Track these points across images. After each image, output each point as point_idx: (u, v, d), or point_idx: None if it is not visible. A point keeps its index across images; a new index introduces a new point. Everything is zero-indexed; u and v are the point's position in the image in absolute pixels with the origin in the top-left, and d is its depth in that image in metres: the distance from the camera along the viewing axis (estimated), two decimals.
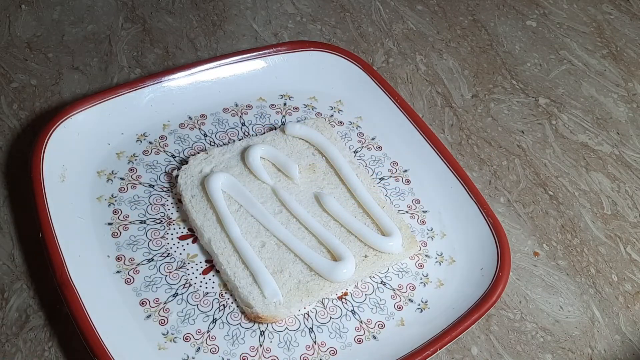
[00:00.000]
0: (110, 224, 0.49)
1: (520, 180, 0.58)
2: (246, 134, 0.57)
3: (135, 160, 0.54)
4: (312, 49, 0.62)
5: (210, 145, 0.56)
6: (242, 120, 0.58)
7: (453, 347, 0.47)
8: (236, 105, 0.59)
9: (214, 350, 0.44)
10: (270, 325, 0.45)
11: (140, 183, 0.52)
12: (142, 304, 0.45)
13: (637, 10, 0.76)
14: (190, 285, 0.47)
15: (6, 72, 0.61)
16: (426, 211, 0.53)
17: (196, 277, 0.47)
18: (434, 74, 0.66)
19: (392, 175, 0.55)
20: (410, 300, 0.48)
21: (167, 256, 0.48)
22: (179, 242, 0.49)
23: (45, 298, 0.46)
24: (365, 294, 0.48)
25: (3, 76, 0.60)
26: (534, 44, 0.71)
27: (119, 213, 0.50)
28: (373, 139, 0.58)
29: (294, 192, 0.52)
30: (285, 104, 0.60)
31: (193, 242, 0.49)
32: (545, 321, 0.49)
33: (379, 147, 0.57)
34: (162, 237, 0.49)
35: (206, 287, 0.47)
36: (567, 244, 0.54)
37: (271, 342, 0.45)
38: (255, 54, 0.60)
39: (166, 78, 0.57)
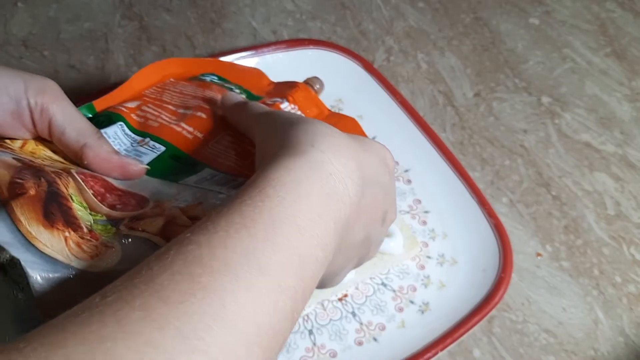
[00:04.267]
0: None
1: (523, 180, 0.57)
2: None
3: None
4: (311, 47, 0.61)
5: None
6: None
7: (455, 349, 0.46)
8: None
9: None
10: None
11: None
12: None
13: None
14: None
15: None
16: (427, 211, 0.53)
17: None
18: (435, 72, 0.65)
19: None
20: (411, 302, 0.47)
21: None
22: None
23: None
24: (366, 296, 0.47)
25: None
26: (536, 42, 0.70)
27: None
28: (374, 138, 0.57)
29: None
30: None
31: None
32: (548, 323, 0.48)
33: None
34: None
35: None
36: (570, 245, 0.53)
37: None
38: (254, 51, 0.60)
39: None
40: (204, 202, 0.31)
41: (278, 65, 0.60)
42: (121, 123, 0.36)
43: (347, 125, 0.40)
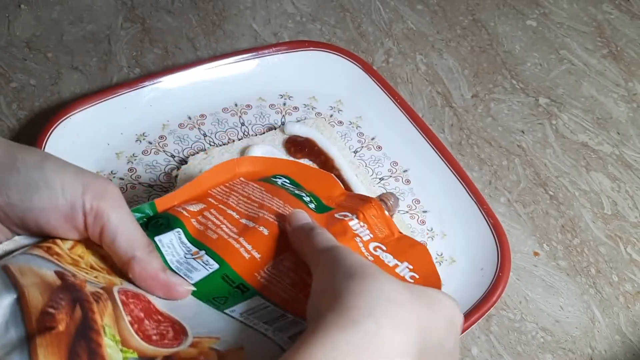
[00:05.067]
0: None
1: (521, 180, 0.58)
2: (246, 133, 0.57)
3: (135, 160, 0.53)
4: (311, 48, 0.62)
5: (210, 145, 0.55)
6: (241, 120, 0.58)
7: None
8: (236, 105, 0.59)
9: None
10: None
11: (139, 183, 0.52)
12: None
13: (637, 10, 0.76)
14: None
15: (5, 72, 0.60)
16: (426, 211, 0.53)
17: None
18: (434, 73, 0.66)
19: (392, 175, 0.55)
20: None
21: None
22: None
23: None
24: None
25: (2, 76, 0.60)
26: (534, 43, 0.71)
27: None
28: (373, 138, 0.58)
29: None
30: (284, 104, 0.59)
31: None
32: (545, 321, 0.49)
33: (379, 147, 0.57)
34: None
35: None
36: (568, 244, 0.54)
37: None
38: (254, 53, 0.60)
39: (165, 78, 0.57)
40: (246, 347, 0.29)
41: (278, 67, 0.61)
42: (179, 230, 0.35)
43: (417, 254, 0.37)
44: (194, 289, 0.32)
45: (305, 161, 0.54)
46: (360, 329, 0.25)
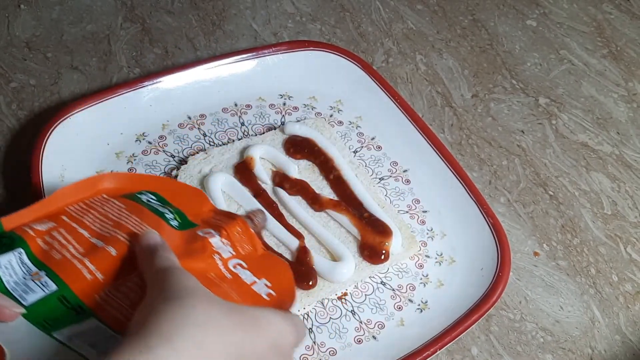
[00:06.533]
0: None
1: (521, 180, 0.58)
2: (245, 133, 0.57)
3: (135, 160, 0.53)
4: (311, 48, 0.62)
5: (210, 145, 0.55)
6: (241, 120, 0.58)
7: (453, 347, 0.47)
8: (235, 105, 0.59)
9: None
10: None
11: None
12: None
13: (637, 9, 0.76)
14: None
15: (5, 72, 0.60)
16: (426, 211, 0.53)
17: None
18: (433, 73, 0.66)
19: (392, 175, 0.55)
20: (410, 301, 0.48)
21: None
22: None
23: None
24: (365, 294, 0.48)
25: (2, 76, 0.60)
26: (534, 43, 0.71)
27: None
28: (373, 138, 0.58)
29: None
30: (284, 104, 0.59)
31: None
32: (545, 321, 0.49)
33: (379, 147, 0.57)
34: None
35: None
36: (567, 244, 0.54)
37: None
38: (254, 53, 0.60)
39: (165, 78, 0.57)
40: None
41: (278, 67, 0.61)
42: (20, 250, 0.33)
43: (277, 270, 0.37)
44: (23, 311, 0.31)
45: (305, 161, 0.54)
46: (153, 356, 0.23)
